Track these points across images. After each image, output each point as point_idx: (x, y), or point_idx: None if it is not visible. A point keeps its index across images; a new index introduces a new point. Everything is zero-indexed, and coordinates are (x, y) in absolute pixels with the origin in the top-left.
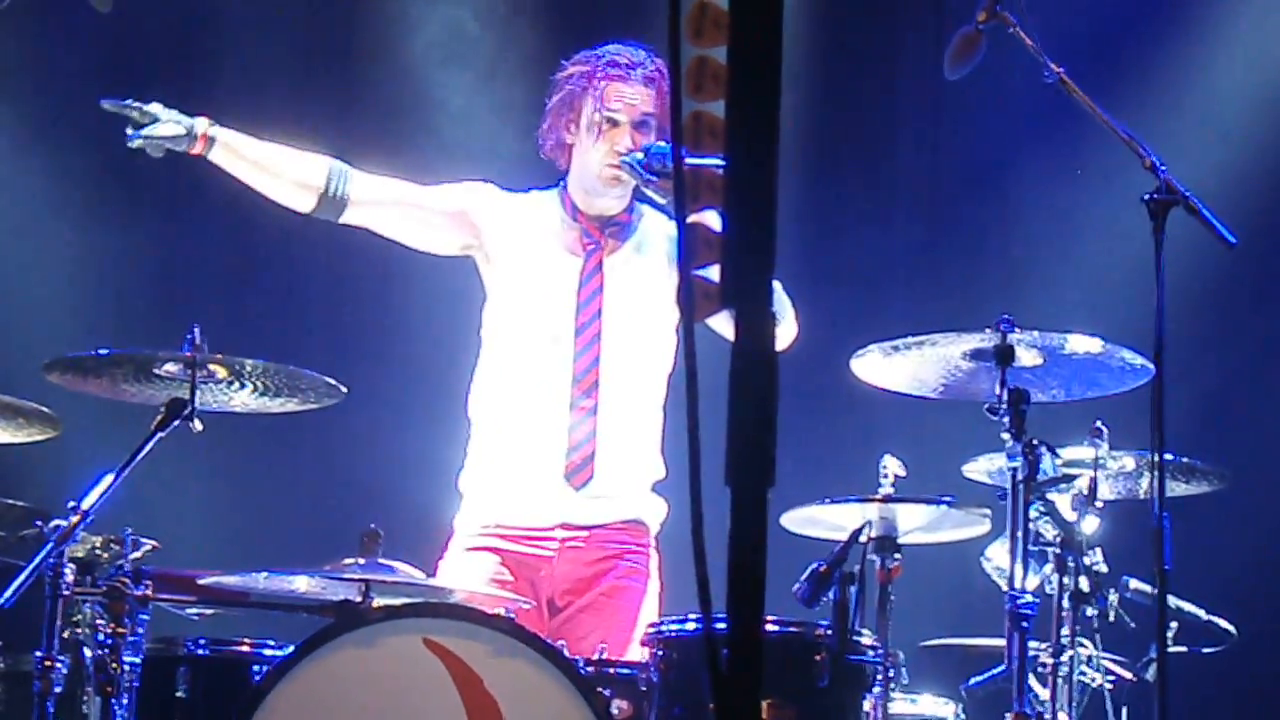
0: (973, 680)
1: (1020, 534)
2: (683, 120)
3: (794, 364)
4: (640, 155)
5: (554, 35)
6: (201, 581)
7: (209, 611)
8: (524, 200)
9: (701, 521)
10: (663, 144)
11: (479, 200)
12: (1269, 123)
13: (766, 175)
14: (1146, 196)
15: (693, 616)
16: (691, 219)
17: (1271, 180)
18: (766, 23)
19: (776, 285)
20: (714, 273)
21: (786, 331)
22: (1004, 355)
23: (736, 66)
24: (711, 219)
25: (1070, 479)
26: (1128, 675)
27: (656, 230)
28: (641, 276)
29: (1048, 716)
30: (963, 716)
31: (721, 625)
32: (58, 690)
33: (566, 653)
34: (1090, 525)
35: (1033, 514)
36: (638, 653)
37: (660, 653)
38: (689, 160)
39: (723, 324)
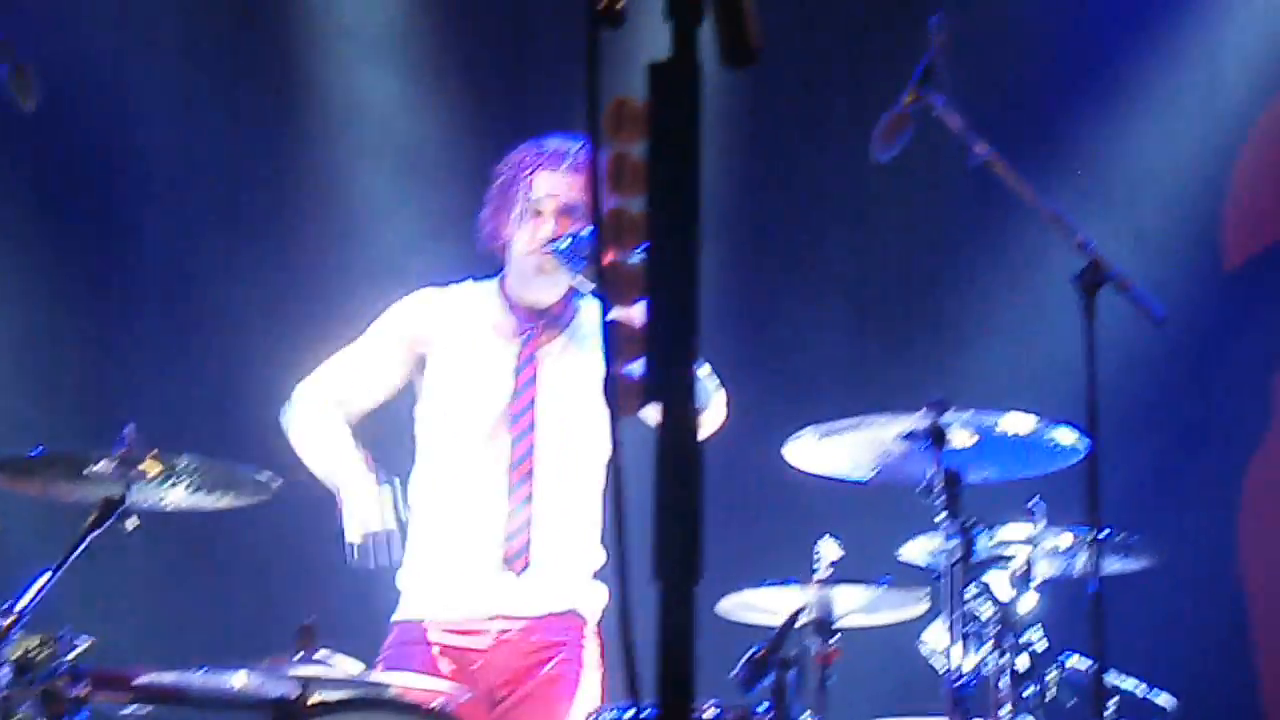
0: None
1: (957, 614)
2: (604, 217)
3: (727, 449)
4: (566, 243)
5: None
6: (138, 680)
7: (146, 710)
8: (459, 292)
9: (630, 616)
10: (588, 231)
11: (420, 324)
12: (1194, 196)
13: (687, 270)
14: (1075, 275)
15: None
16: (614, 315)
17: (1198, 254)
18: (684, 118)
19: (704, 370)
20: (637, 368)
21: (715, 415)
22: (937, 436)
23: (655, 162)
24: (636, 313)
25: (1006, 558)
26: None
27: (594, 319)
28: (576, 365)
29: None
30: None
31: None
32: None
33: None
34: (1027, 603)
35: (969, 594)
36: None
37: None
38: (610, 258)
39: (654, 415)
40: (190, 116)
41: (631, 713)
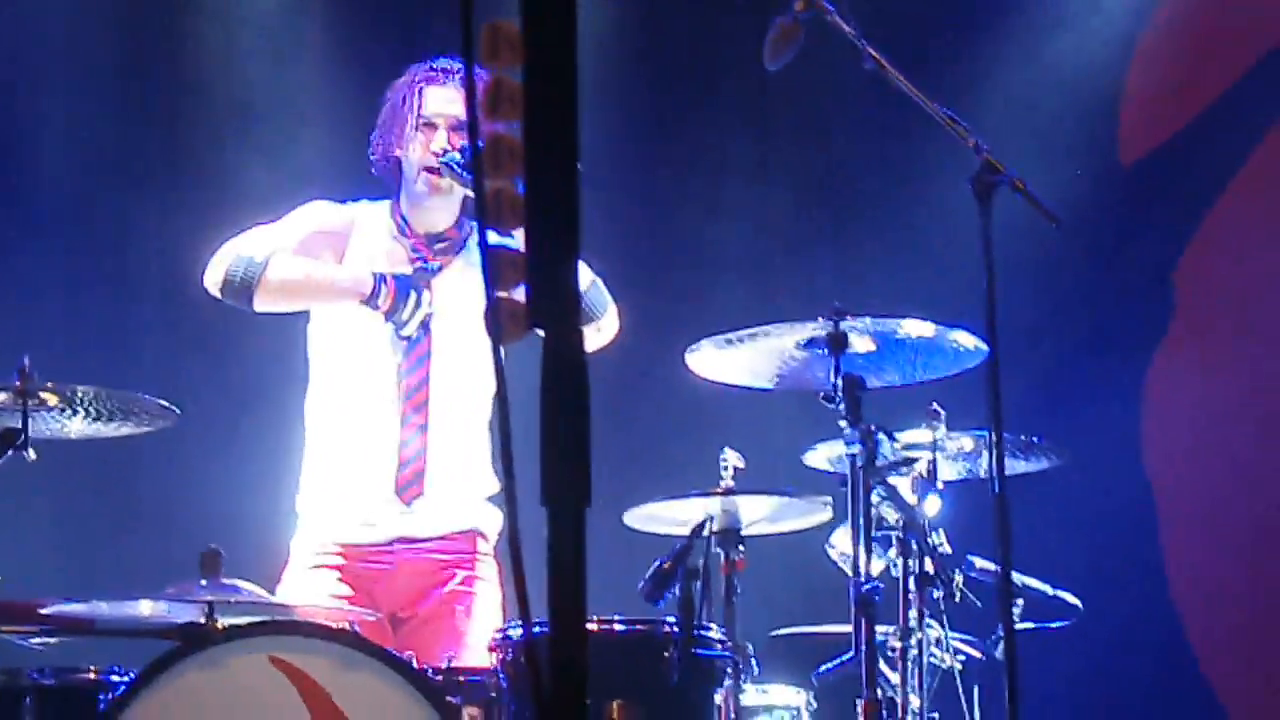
0: (823, 668)
1: (862, 520)
2: (482, 144)
3: (628, 360)
4: (457, 155)
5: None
6: (44, 610)
7: (53, 640)
8: (354, 211)
9: (518, 542)
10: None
11: (322, 224)
12: (1090, 97)
13: (566, 194)
14: (970, 177)
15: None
16: (494, 241)
17: (1092, 156)
18: (560, 39)
19: (597, 282)
20: (520, 294)
21: (608, 328)
22: (837, 343)
23: (531, 85)
24: (517, 239)
25: (910, 462)
26: (977, 654)
27: None
28: (471, 292)
29: (899, 700)
30: (814, 704)
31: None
32: None
33: (414, 663)
34: (932, 507)
35: (874, 499)
36: (484, 659)
37: (507, 657)
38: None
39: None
40: (81, 52)
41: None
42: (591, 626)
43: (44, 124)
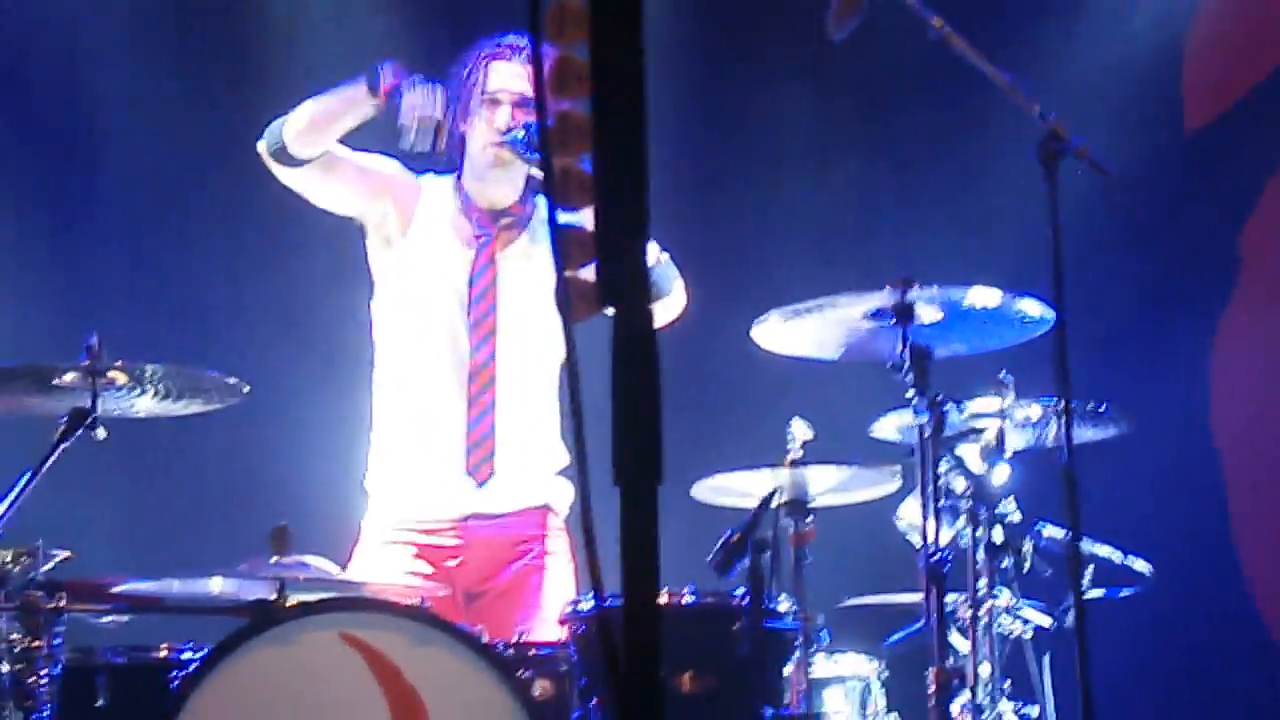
0: (893, 637)
1: (931, 489)
2: (550, 122)
3: (695, 335)
4: (521, 133)
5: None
6: (115, 589)
7: (124, 619)
8: (424, 184)
9: (590, 519)
10: None
11: (395, 174)
12: (1154, 63)
13: (635, 171)
14: (1036, 145)
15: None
16: (564, 219)
17: (1159, 120)
18: (627, 15)
19: (663, 258)
20: (589, 272)
21: (675, 303)
22: (904, 313)
23: (599, 63)
24: (586, 217)
25: (978, 431)
26: (1047, 622)
27: None
28: (537, 268)
29: (969, 668)
30: (885, 674)
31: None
32: None
33: (484, 637)
34: (1001, 476)
35: (942, 468)
36: (555, 633)
37: (579, 630)
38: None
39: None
40: (145, 30)
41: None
42: (662, 598)
43: (109, 99)
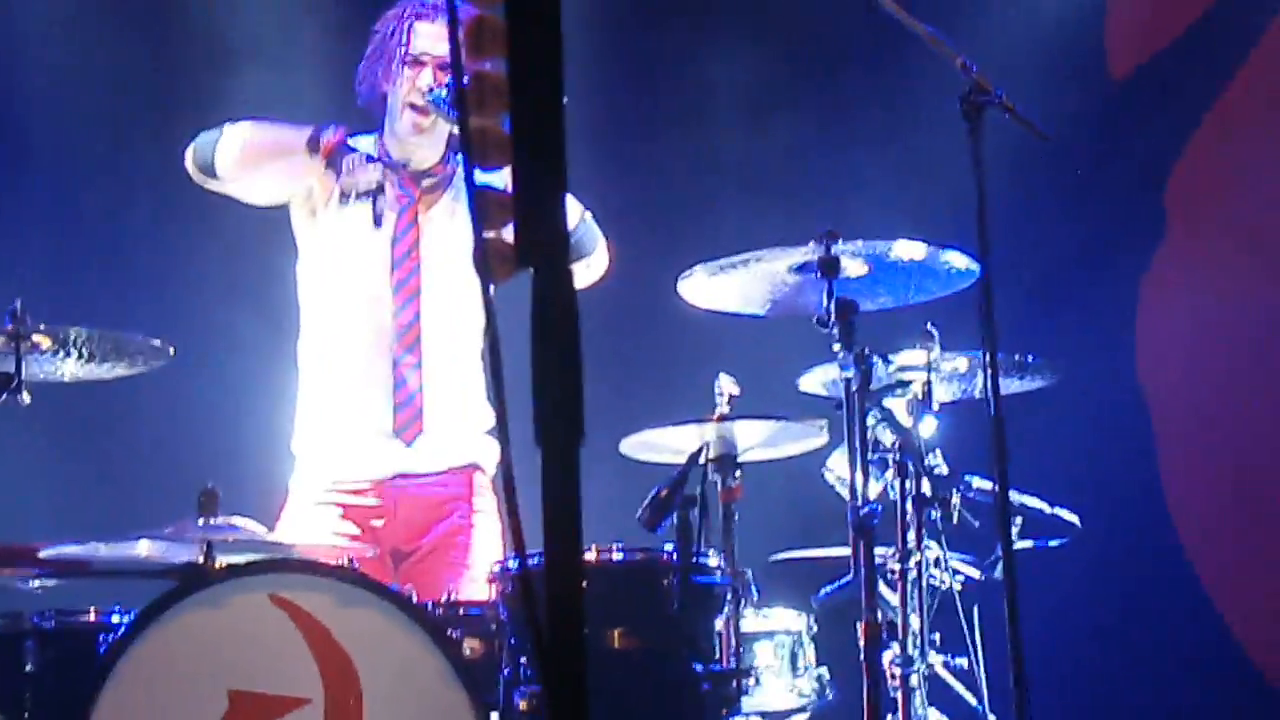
0: (823, 591)
1: (859, 443)
2: (466, 82)
3: (621, 289)
4: (443, 92)
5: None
6: (42, 553)
7: (51, 583)
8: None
9: (512, 478)
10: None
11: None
12: (1077, 11)
13: (553, 131)
14: (960, 97)
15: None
16: (480, 180)
17: (1078, 72)
18: None
19: (586, 217)
20: (508, 234)
21: (598, 262)
22: (829, 267)
23: (515, 23)
24: (503, 178)
25: (905, 384)
26: (976, 574)
27: None
28: (459, 229)
29: (899, 621)
30: (815, 628)
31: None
32: None
33: (414, 597)
34: (928, 428)
35: (870, 421)
36: (483, 592)
37: (506, 590)
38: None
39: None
40: None
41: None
42: (590, 556)
43: (32, 61)
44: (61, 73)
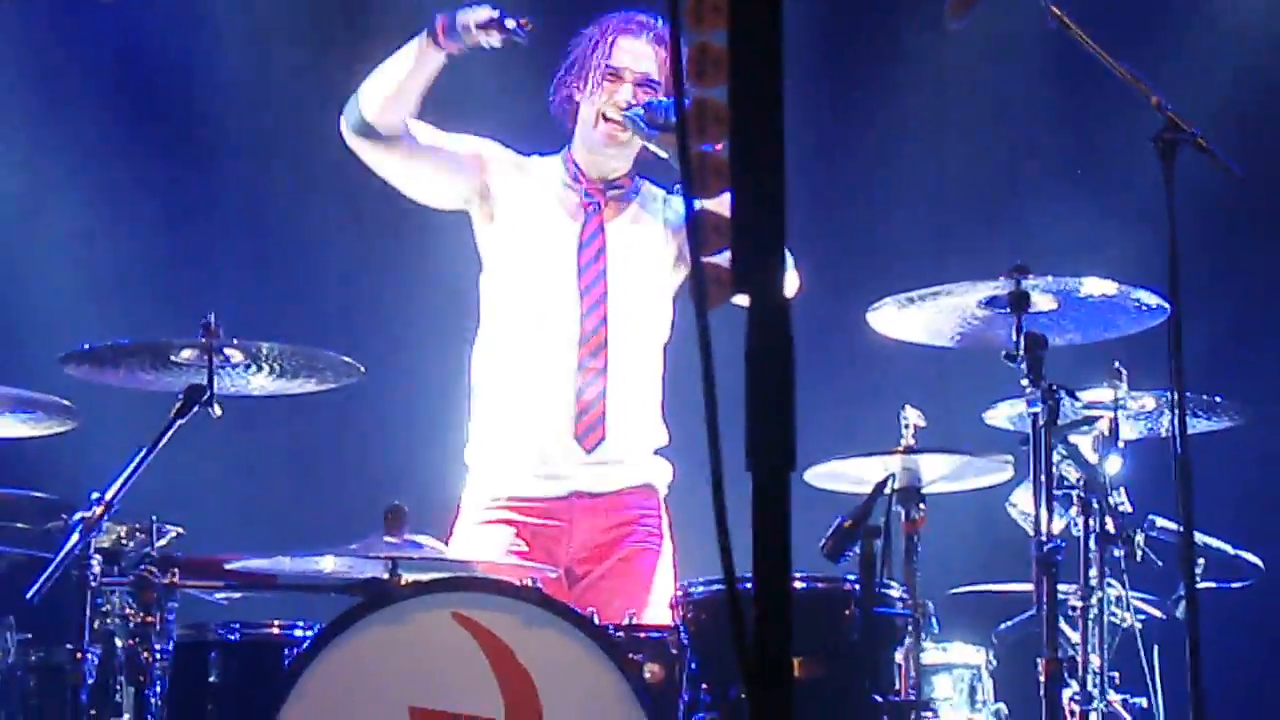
0: (1003, 626)
1: (1043, 478)
2: (687, 109)
3: (810, 320)
4: (641, 110)
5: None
6: (228, 566)
7: (237, 595)
8: (529, 162)
9: (723, 498)
10: (665, 99)
11: (493, 152)
12: (1270, 53)
13: (772, 159)
14: (1154, 135)
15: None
16: (699, 206)
17: (1273, 111)
18: (767, 5)
19: None
20: (724, 259)
21: (789, 288)
22: (1019, 302)
23: (738, 51)
24: (721, 204)
25: (1091, 421)
26: (1158, 614)
27: (654, 199)
28: (642, 241)
29: (1079, 658)
30: (994, 662)
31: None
32: (90, 681)
33: (597, 620)
34: (1113, 466)
35: (1055, 458)
36: (659, 615)
37: (690, 614)
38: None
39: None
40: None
41: (732, 586)
42: None
43: (225, 79)
44: (250, 79)
